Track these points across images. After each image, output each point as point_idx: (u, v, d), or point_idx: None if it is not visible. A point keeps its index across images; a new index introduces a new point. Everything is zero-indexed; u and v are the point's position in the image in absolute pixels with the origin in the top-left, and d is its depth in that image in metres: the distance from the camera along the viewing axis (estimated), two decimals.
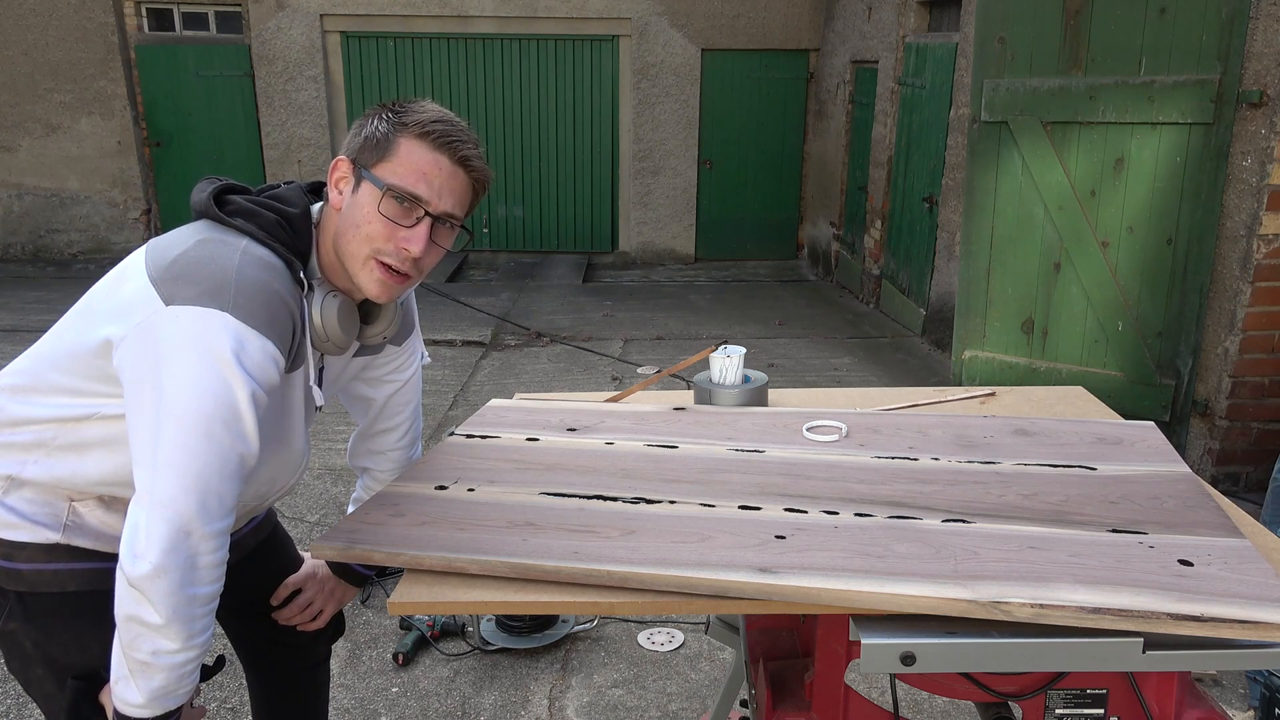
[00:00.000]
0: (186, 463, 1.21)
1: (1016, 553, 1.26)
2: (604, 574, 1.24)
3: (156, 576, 1.20)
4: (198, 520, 1.22)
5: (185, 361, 1.21)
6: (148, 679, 1.25)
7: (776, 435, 1.76)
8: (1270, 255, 3.65)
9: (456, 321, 6.93)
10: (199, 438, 1.21)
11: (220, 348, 1.21)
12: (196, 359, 1.21)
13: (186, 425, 1.21)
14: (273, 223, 1.32)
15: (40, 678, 1.43)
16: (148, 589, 1.21)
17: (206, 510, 1.23)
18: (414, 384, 1.71)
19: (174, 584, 1.21)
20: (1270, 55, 3.50)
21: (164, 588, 1.21)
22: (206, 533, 1.23)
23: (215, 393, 1.21)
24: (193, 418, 1.21)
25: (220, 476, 1.24)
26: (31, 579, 1.38)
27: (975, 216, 4.24)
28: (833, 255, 8.68)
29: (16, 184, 8.92)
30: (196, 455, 1.21)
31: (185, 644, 1.25)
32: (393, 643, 2.97)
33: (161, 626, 1.22)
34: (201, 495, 1.22)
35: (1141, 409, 3.98)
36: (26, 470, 1.34)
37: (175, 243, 1.28)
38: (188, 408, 1.21)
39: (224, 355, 1.21)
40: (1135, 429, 1.76)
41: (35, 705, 2.60)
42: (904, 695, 2.70)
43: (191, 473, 1.21)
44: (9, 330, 6.52)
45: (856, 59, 7.89)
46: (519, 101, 9.21)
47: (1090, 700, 1.31)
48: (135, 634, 1.23)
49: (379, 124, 1.34)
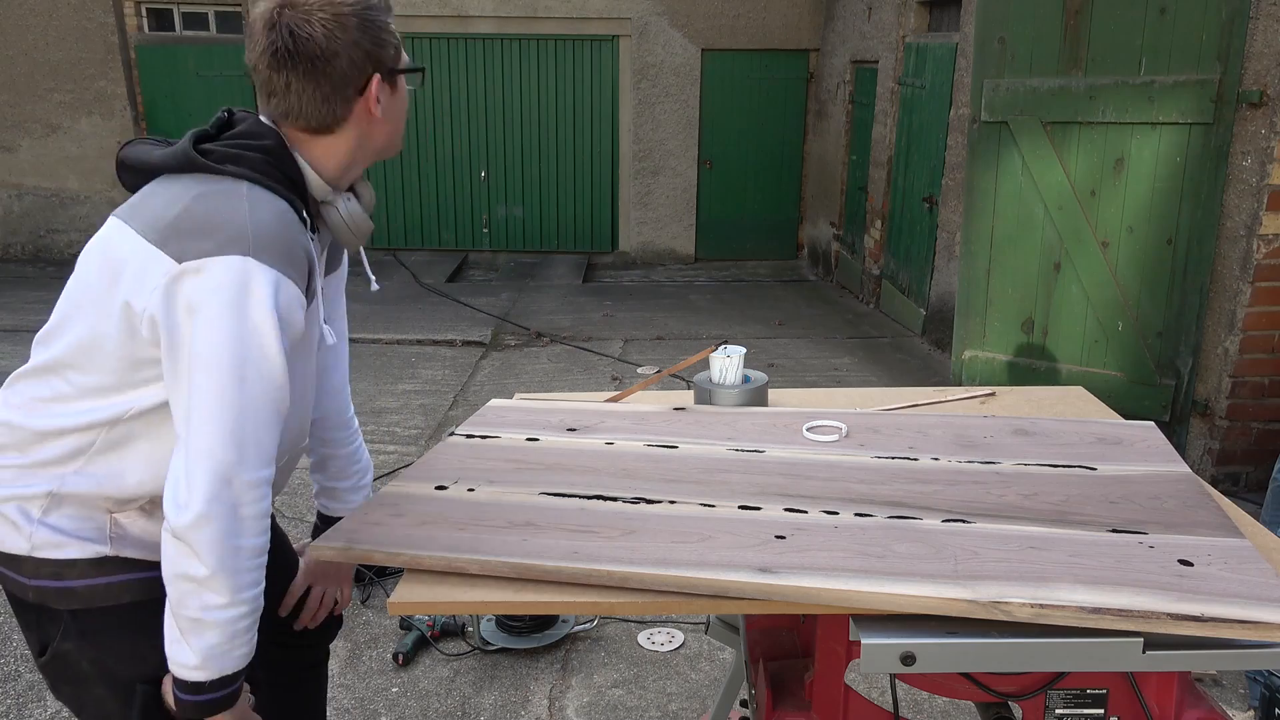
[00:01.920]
0: (222, 411, 1.20)
1: (1016, 553, 1.26)
2: (604, 574, 1.24)
3: (201, 525, 1.19)
4: (238, 468, 1.21)
5: (214, 310, 1.20)
6: (200, 636, 1.23)
7: (776, 435, 1.76)
8: (1270, 255, 3.65)
9: (456, 321, 6.94)
10: (233, 384, 1.20)
11: (249, 293, 1.20)
12: (226, 306, 1.20)
13: (220, 373, 1.20)
14: (260, 162, 1.30)
15: (100, 698, 1.40)
16: (193, 539, 1.20)
17: (246, 458, 1.22)
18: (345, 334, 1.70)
19: (219, 533, 1.20)
20: (1270, 55, 3.50)
21: (209, 537, 1.20)
22: (248, 480, 1.22)
23: (245, 338, 1.21)
24: (226, 364, 1.20)
25: (256, 423, 1.23)
26: (86, 595, 1.35)
27: (975, 216, 4.24)
28: (833, 255, 8.68)
29: (16, 184, 8.93)
30: (231, 402, 1.21)
31: (234, 598, 1.23)
32: (393, 643, 2.97)
33: (208, 578, 1.21)
34: (240, 442, 1.21)
35: (1141, 409, 3.98)
36: (66, 484, 1.32)
37: (163, 203, 1.26)
38: (220, 355, 1.20)
39: (253, 300, 1.21)
40: (1135, 429, 1.76)
41: (35, 706, 2.60)
42: (904, 695, 2.70)
43: (229, 420, 1.21)
44: (9, 330, 6.52)
45: (856, 59, 7.89)
46: (519, 101, 9.21)
47: (1090, 700, 1.31)
48: (183, 591, 1.22)
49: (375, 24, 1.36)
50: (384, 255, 9.52)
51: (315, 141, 1.36)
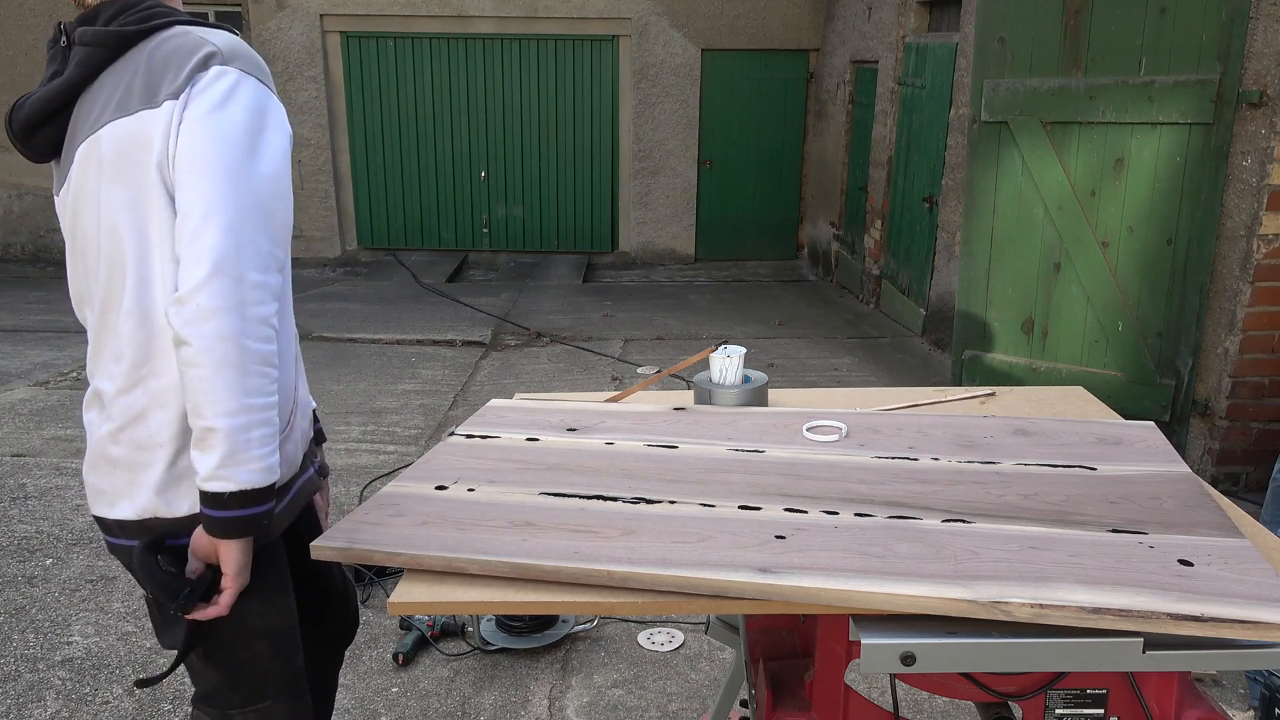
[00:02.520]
0: (221, 209, 1.22)
1: (1016, 553, 1.26)
2: (604, 574, 1.24)
3: (204, 319, 1.19)
4: (242, 264, 1.22)
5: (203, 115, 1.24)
6: (209, 445, 1.23)
7: (776, 435, 1.76)
8: (1270, 255, 3.65)
9: (456, 321, 6.94)
10: (228, 181, 1.23)
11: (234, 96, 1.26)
12: (215, 109, 1.24)
13: (215, 173, 1.23)
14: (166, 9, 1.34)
15: None
16: (195, 333, 1.19)
17: (248, 256, 1.23)
18: None
19: (222, 328, 1.20)
20: (1270, 55, 3.50)
21: (212, 331, 1.19)
22: (253, 281, 1.23)
23: (236, 138, 1.25)
24: (221, 163, 1.23)
25: (255, 224, 1.24)
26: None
27: (975, 216, 4.24)
28: (833, 255, 8.68)
29: (16, 184, 8.92)
30: (229, 199, 1.22)
31: (240, 402, 1.22)
32: (393, 643, 2.97)
33: (211, 376, 1.20)
34: (238, 239, 1.22)
35: (1141, 409, 3.98)
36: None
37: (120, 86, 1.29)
38: (211, 152, 1.23)
39: (237, 102, 1.26)
40: (1135, 429, 1.76)
41: (35, 706, 2.60)
42: (904, 695, 2.70)
43: (228, 216, 1.22)
44: (9, 330, 6.52)
45: (856, 59, 7.90)
46: (519, 101, 9.21)
47: (1090, 700, 1.31)
48: (195, 389, 1.21)
49: None
50: (384, 255, 9.52)
51: None
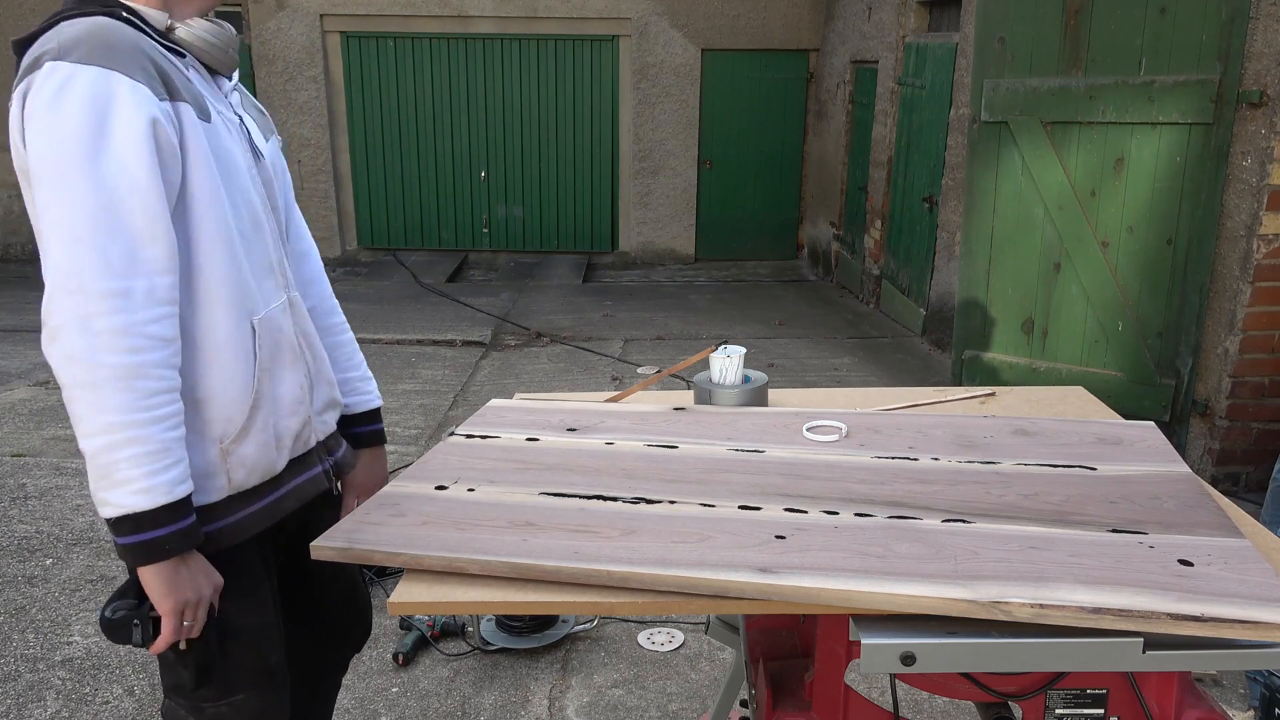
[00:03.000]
0: (61, 220, 1.17)
1: (1016, 553, 1.26)
2: (604, 574, 1.24)
3: (51, 339, 1.17)
4: (85, 276, 1.16)
5: (34, 127, 1.18)
6: (90, 472, 1.22)
7: (776, 435, 1.76)
8: (1270, 255, 3.65)
9: (456, 321, 6.94)
10: (60, 193, 1.17)
11: (64, 92, 1.18)
12: (41, 118, 1.18)
13: (50, 186, 1.17)
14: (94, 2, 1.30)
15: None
16: (49, 355, 1.17)
17: (89, 265, 1.16)
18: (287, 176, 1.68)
19: (67, 347, 1.16)
20: (1270, 55, 3.50)
21: (59, 351, 1.17)
22: (96, 290, 1.17)
23: (68, 137, 1.18)
24: (51, 177, 1.17)
25: (94, 230, 1.17)
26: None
27: (975, 216, 4.24)
28: (833, 255, 8.68)
29: (16, 184, 8.93)
30: (63, 209, 1.17)
31: (101, 420, 1.18)
32: (393, 643, 2.97)
33: (69, 399, 1.18)
34: (77, 249, 1.16)
35: (1141, 409, 3.98)
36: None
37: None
38: (44, 168, 1.18)
39: (69, 98, 1.18)
40: (1135, 429, 1.76)
41: (35, 706, 2.60)
42: (904, 695, 2.70)
43: (66, 228, 1.17)
44: (9, 330, 6.52)
45: (856, 59, 7.90)
46: (519, 101, 9.21)
47: (1090, 700, 1.31)
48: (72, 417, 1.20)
49: None
50: (384, 255, 9.52)
51: None
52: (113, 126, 1.19)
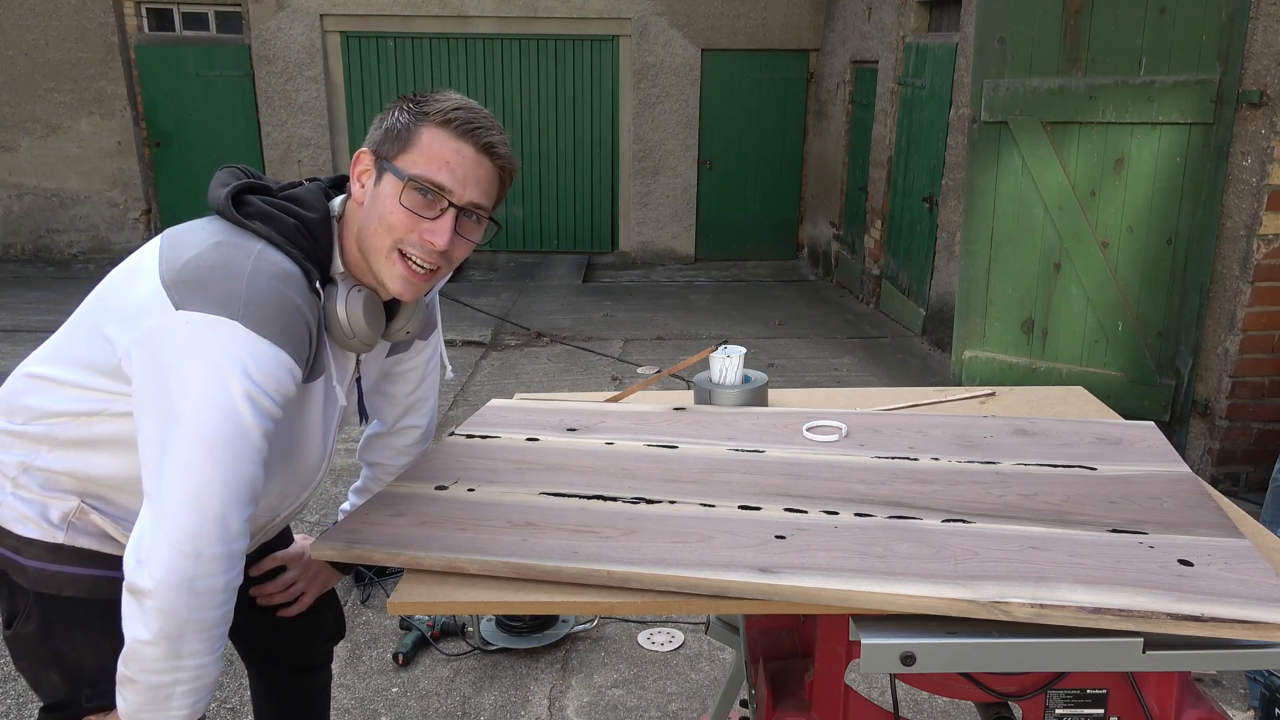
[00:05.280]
0: (192, 480, 1.17)
1: (1016, 553, 1.26)
2: (604, 574, 1.24)
3: (153, 593, 1.16)
4: (202, 540, 1.18)
5: (193, 372, 1.17)
6: (128, 692, 1.22)
7: (776, 435, 1.76)
8: (1270, 255, 3.65)
9: (457, 321, 6.93)
10: (204, 455, 1.17)
11: (229, 358, 1.17)
12: (205, 370, 1.17)
13: (193, 442, 1.17)
14: (291, 228, 1.28)
15: (54, 683, 1.40)
16: (143, 602, 1.17)
17: (209, 531, 1.18)
18: (433, 381, 1.69)
19: (170, 605, 1.17)
20: (1270, 55, 3.50)
21: (157, 606, 1.17)
22: (211, 554, 1.18)
23: (222, 408, 1.17)
24: (199, 434, 1.17)
25: (225, 499, 1.19)
26: (35, 577, 1.35)
27: (975, 216, 4.24)
28: (833, 255, 8.68)
29: (16, 184, 8.92)
30: (201, 473, 1.17)
31: (170, 664, 1.20)
32: (393, 643, 2.97)
33: (148, 643, 1.18)
34: (202, 515, 1.17)
35: (1141, 409, 3.98)
36: (40, 460, 1.32)
37: (191, 242, 1.24)
38: (195, 422, 1.17)
39: (232, 366, 1.17)
40: (1135, 429, 1.76)
41: (35, 706, 2.60)
42: (904, 695, 2.70)
43: (197, 491, 1.17)
44: (9, 330, 6.52)
45: (856, 59, 7.89)
46: (519, 101, 9.21)
47: (1090, 700, 1.31)
48: (128, 645, 1.20)
49: (400, 114, 1.31)
50: None
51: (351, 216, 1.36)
52: (260, 409, 1.20)
